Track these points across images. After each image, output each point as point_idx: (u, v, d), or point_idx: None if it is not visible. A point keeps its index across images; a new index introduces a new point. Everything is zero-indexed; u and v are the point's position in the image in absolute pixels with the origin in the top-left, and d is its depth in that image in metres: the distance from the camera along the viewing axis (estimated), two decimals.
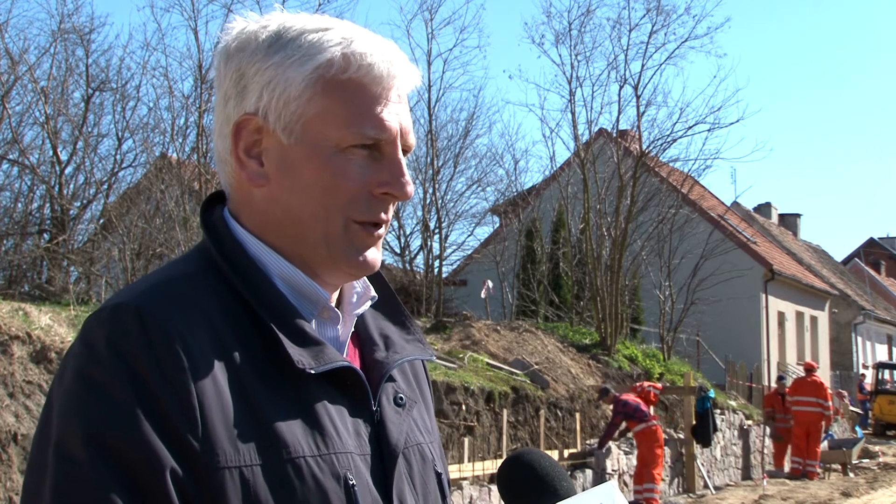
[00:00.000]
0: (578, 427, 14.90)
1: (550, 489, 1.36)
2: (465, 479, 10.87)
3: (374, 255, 1.36)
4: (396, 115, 1.34)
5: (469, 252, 26.00)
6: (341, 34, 1.33)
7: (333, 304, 1.40)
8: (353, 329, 1.42)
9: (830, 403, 19.24)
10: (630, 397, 13.86)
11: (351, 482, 1.26)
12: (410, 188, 1.36)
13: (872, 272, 50.87)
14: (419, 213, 22.73)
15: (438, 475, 1.44)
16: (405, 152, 1.37)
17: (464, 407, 12.61)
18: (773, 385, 23.11)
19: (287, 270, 1.34)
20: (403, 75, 1.36)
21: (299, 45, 1.32)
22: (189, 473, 1.18)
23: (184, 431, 1.18)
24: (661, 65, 21.53)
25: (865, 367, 40.24)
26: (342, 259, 1.34)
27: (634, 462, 14.09)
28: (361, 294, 1.43)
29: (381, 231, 1.37)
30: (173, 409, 1.18)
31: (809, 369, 19.73)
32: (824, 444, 19.75)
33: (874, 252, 55.48)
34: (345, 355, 1.38)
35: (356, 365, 1.38)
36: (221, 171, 1.39)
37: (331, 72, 1.31)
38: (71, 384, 1.21)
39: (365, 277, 1.43)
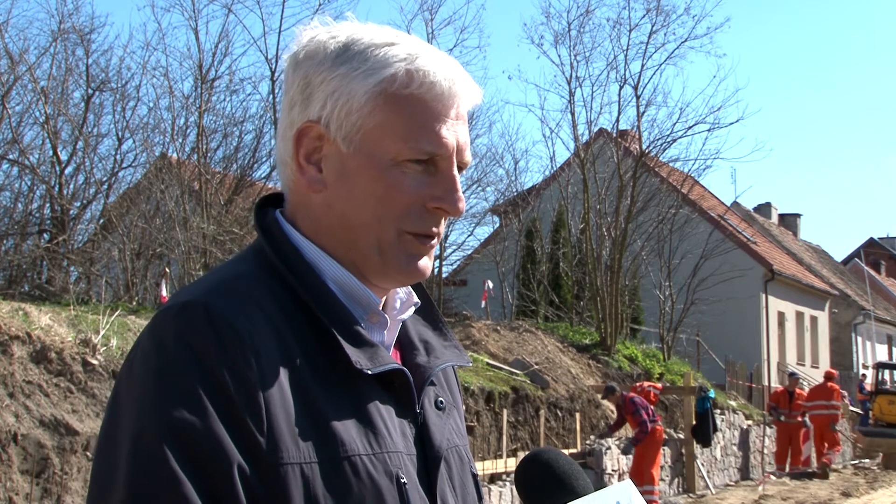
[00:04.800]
0: (578, 427, 14.90)
1: (568, 487, 1.39)
2: None
3: (426, 264, 1.40)
4: (454, 132, 1.38)
5: (469, 252, 26.00)
6: (407, 50, 1.37)
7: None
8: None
9: (839, 403, 19.86)
10: (639, 398, 13.84)
11: (403, 481, 1.30)
12: (462, 204, 1.39)
13: (872, 272, 50.79)
14: None
15: (475, 476, 1.48)
16: (461, 169, 1.40)
17: (464, 407, 12.61)
18: (778, 384, 23.21)
19: (340, 274, 1.38)
20: (464, 94, 1.40)
21: (365, 59, 1.36)
22: (254, 469, 1.21)
23: (251, 427, 1.22)
24: (660, 65, 21.56)
25: (865, 367, 40.18)
26: (394, 266, 1.37)
27: (634, 462, 14.09)
28: (405, 300, 1.47)
29: (434, 241, 1.40)
30: (242, 405, 1.22)
31: (828, 377, 20.41)
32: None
33: (874, 252, 55.43)
34: None
35: None
36: (282, 172, 1.43)
37: (393, 86, 1.35)
38: (142, 379, 1.24)
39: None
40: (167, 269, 14.40)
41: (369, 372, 1.31)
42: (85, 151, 17.34)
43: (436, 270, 21.94)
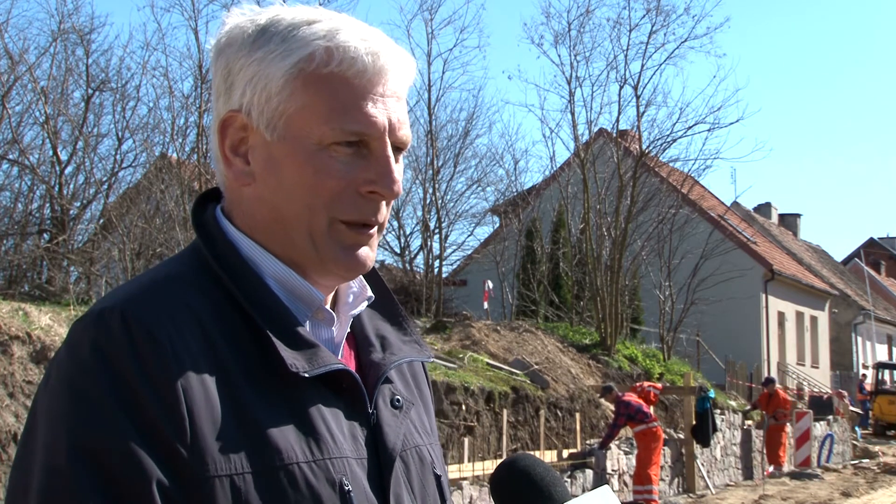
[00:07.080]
0: (578, 427, 14.90)
1: (545, 495, 1.36)
2: (465, 479, 10.86)
3: (365, 255, 1.32)
4: (384, 110, 1.29)
5: (469, 252, 26.01)
6: (328, 26, 1.29)
7: (328, 305, 1.37)
8: (349, 330, 1.39)
9: None
10: (632, 398, 13.90)
11: (346, 487, 1.23)
12: (398, 186, 1.30)
13: (872, 272, 50.80)
14: (419, 213, 22.76)
15: (437, 477, 1.41)
16: (399, 149, 1.32)
17: (464, 407, 12.61)
18: (779, 385, 23.29)
19: (280, 271, 1.30)
20: (394, 68, 1.31)
21: (283, 39, 1.28)
22: (177, 483, 1.15)
23: (172, 440, 1.15)
24: (660, 65, 21.61)
25: (865, 367, 40.23)
26: (330, 259, 1.30)
27: (634, 462, 14.11)
28: (357, 294, 1.40)
29: (373, 231, 1.32)
30: (160, 417, 1.15)
31: None
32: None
33: (874, 252, 55.46)
34: (340, 357, 1.35)
35: (352, 366, 1.35)
36: (216, 168, 1.36)
37: (312, 66, 1.27)
38: (56, 391, 1.18)
39: (361, 277, 1.39)
40: None
41: (306, 375, 1.23)
42: (85, 151, 17.34)
43: (436, 270, 21.95)
